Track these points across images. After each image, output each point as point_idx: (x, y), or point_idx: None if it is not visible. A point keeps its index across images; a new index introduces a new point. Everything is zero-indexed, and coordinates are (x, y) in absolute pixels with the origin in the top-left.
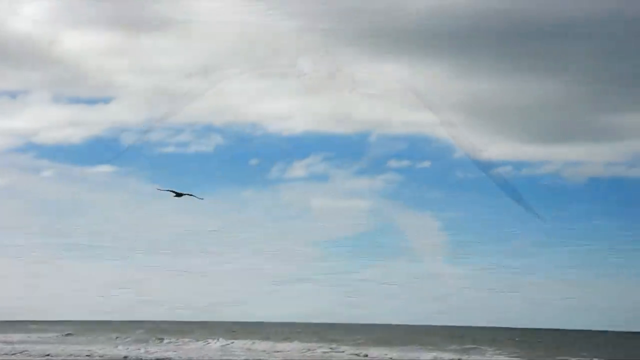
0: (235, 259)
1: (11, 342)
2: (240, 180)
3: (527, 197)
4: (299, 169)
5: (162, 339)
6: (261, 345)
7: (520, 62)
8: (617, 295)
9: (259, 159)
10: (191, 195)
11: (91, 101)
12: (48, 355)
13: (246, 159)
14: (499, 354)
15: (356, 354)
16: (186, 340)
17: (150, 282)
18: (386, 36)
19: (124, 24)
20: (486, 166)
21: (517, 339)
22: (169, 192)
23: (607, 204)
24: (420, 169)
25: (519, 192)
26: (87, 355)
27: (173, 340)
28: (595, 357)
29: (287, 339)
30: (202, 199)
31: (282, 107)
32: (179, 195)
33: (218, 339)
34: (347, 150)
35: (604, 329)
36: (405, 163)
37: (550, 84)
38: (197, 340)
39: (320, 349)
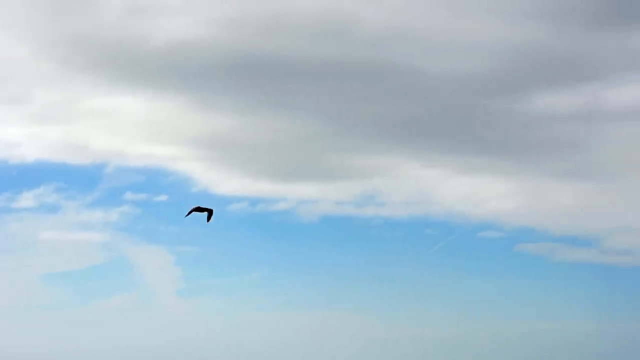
0: None
1: None
2: None
3: (262, 233)
4: (28, 199)
5: None
6: None
7: (259, 99)
8: (348, 327)
9: None
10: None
11: None
12: None
13: None
14: None
15: None
16: None
17: None
18: (124, 68)
19: None
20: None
21: None
22: (193, 211)
23: (337, 240)
24: (157, 202)
25: None
26: None
27: None
28: None
29: None
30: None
31: (11, 134)
32: (200, 210)
33: None
34: (81, 181)
35: None
36: (142, 196)
37: (287, 122)
38: None
39: None
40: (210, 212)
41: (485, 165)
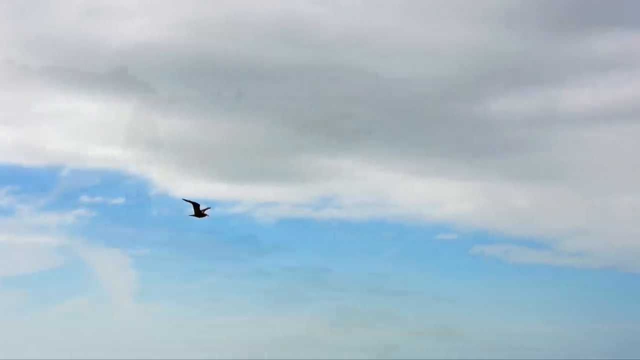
0: None
1: None
2: None
3: (220, 237)
4: None
5: None
6: None
7: (217, 102)
8: (304, 331)
9: None
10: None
11: None
12: None
13: None
14: None
15: None
16: None
17: None
18: (80, 70)
19: None
20: (180, 204)
21: None
22: (190, 204)
23: (295, 243)
24: (113, 205)
25: None
26: None
27: None
28: None
29: None
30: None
31: None
32: (199, 214)
33: None
34: (36, 184)
35: None
36: (98, 199)
37: (245, 124)
38: None
39: None
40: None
41: (442, 168)
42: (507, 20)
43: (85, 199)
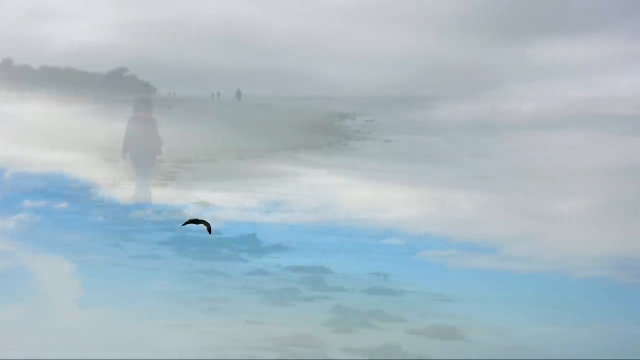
0: None
1: None
2: None
3: (166, 240)
4: None
5: None
6: None
7: (160, 104)
8: (253, 336)
9: None
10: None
11: None
12: None
13: None
14: None
15: None
16: None
17: None
18: (23, 72)
19: None
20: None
21: None
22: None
23: (244, 245)
24: (57, 210)
25: None
26: None
27: None
28: None
29: None
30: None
31: None
32: (196, 222)
33: None
34: None
35: None
36: (42, 203)
37: (191, 128)
38: None
39: None
40: (207, 225)
41: (388, 173)
42: (454, 27)
43: (27, 203)
